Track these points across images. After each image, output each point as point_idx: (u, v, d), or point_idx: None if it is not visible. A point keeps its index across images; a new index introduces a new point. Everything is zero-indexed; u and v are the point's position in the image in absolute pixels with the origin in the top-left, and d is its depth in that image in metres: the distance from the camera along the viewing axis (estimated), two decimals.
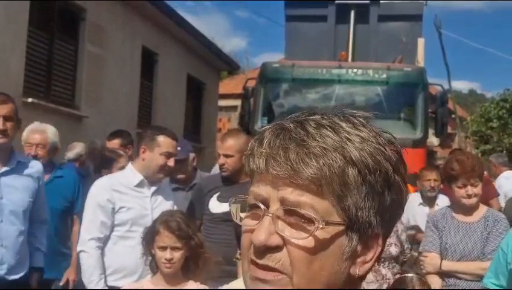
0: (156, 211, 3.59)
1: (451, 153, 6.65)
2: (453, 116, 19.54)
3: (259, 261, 0.84)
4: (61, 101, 8.66)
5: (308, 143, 0.84)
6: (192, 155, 5.01)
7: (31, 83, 7.96)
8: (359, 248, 0.86)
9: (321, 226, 0.82)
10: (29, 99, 7.64)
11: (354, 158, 0.83)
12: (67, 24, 8.85)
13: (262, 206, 0.85)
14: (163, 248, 2.81)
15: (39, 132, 4.52)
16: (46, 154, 4.48)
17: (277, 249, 0.83)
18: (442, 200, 5.95)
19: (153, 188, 3.73)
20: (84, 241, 3.60)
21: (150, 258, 2.93)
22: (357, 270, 0.87)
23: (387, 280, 3.50)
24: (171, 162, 3.75)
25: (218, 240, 3.86)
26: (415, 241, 5.66)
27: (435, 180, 5.86)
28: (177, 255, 2.81)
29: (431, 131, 8.55)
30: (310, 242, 0.83)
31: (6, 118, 3.40)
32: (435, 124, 8.26)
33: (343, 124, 0.86)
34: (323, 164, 0.82)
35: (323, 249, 0.83)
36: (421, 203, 5.91)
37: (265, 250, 0.83)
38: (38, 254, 3.72)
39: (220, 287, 2.37)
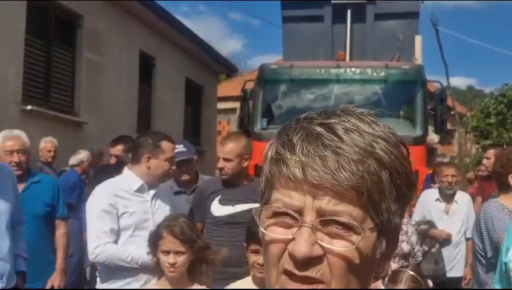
0: (156, 215, 3.59)
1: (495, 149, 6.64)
2: (452, 112, 19.55)
3: (299, 273, 0.82)
4: (60, 107, 8.66)
5: (344, 150, 0.82)
6: (195, 157, 5.02)
7: (30, 90, 7.97)
8: (385, 248, 0.88)
9: (367, 234, 0.82)
10: (28, 107, 7.64)
11: (385, 162, 0.83)
12: (64, 31, 8.86)
13: (297, 216, 0.83)
14: (167, 252, 2.81)
15: (14, 138, 4.33)
16: (27, 159, 4.38)
17: (319, 259, 0.82)
18: (461, 197, 5.96)
19: (152, 192, 3.73)
20: (93, 248, 3.56)
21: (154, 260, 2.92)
22: (380, 269, 0.90)
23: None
24: (174, 166, 3.84)
25: (221, 242, 3.84)
26: (427, 237, 5.68)
27: (452, 176, 5.87)
28: (181, 259, 2.80)
29: (431, 128, 8.55)
30: (352, 251, 0.82)
31: None
32: (434, 121, 8.26)
33: (362, 125, 0.85)
34: (363, 171, 0.81)
35: (361, 256, 0.83)
36: (437, 199, 5.92)
37: (307, 262, 0.82)
38: (19, 258, 3.70)
39: (226, 288, 2.37)
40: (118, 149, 5.41)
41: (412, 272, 3.08)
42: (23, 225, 3.80)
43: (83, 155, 6.58)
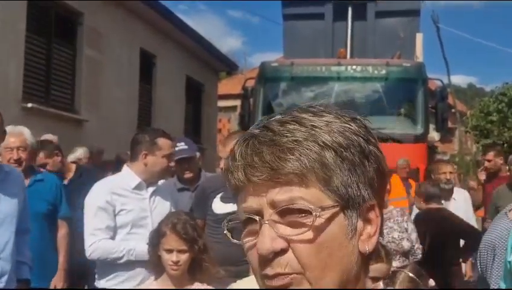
0: (155, 213, 3.58)
1: None
2: (453, 110, 19.55)
3: (270, 273, 0.83)
4: (61, 105, 8.65)
5: (278, 141, 0.84)
6: (198, 154, 5.01)
7: (30, 88, 7.96)
8: (360, 224, 0.86)
9: (318, 214, 0.82)
10: (29, 105, 7.64)
11: (326, 141, 0.84)
12: (64, 29, 8.85)
13: (256, 218, 0.84)
14: (170, 251, 2.80)
15: (16, 135, 4.25)
16: (28, 157, 4.30)
17: (283, 252, 0.83)
18: (459, 195, 5.96)
19: (151, 189, 3.72)
20: (88, 245, 3.57)
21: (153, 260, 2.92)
22: (366, 247, 0.87)
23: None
24: (172, 163, 3.78)
25: (222, 240, 3.84)
26: None
27: (450, 173, 5.88)
28: (184, 257, 2.80)
29: (431, 126, 8.55)
30: (311, 234, 0.82)
31: None
32: (435, 119, 8.25)
33: (304, 115, 0.87)
34: (300, 155, 0.83)
35: (326, 236, 0.83)
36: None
37: (272, 257, 0.82)
38: (23, 266, 3.67)
39: (228, 288, 2.36)
40: (41, 158, 5.24)
41: (409, 273, 3.06)
42: (29, 233, 3.75)
43: (79, 152, 6.55)
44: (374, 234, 0.88)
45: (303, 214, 0.82)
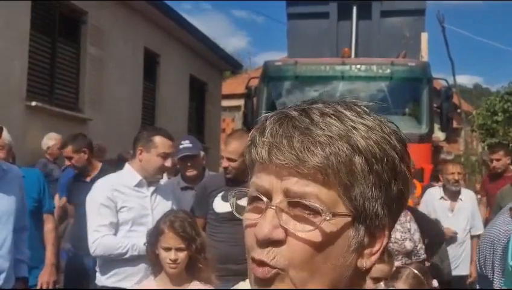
0: (156, 211, 3.59)
1: None
2: (458, 110, 19.48)
3: (256, 256, 0.81)
4: (65, 104, 8.65)
5: (313, 131, 0.80)
6: (202, 153, 5.00)
7: (34, 86, 7.96)
8: (366, 239, 0.83)
9: (328, 218, 0.79)
10: (33, 103, 7.64)
11: (360, 147, 0.80)
12: (68, 27, 8.85)
13: (264, 199, 0.81)
14: (168, 249, 2.79)
15: None
16: (6, 155, 4.25)
17: (279, 243, 0.80)
18: (466, 195, 5.93)
19: (152, 188, 3.72)
20: (91, 242, 3.57)
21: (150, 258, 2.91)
22: (364, 263, 0.83)
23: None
24: (168, 163, 3.73)
25: (224, 239, 3.83)
26: None
27: (458, 173, 5.84)
28: (182, 255, 2.80)
29: (436, 126, 8.51)
30: (315, 235, 0.79)
31: None
32: (440, 118, 8.21)
33: (347, 113, 0.83)
34: (330, 153, 0.79)
35: (328, 242, 0.80)
36: (442, 197, 5.88)
37: (267, 244, 0.80)
38: (22, 264, 3.66)
39: (232, 288, 2.33)
40: (69, 151, 5.26)
41: (414, 269, 3.03)
42: (27, 231, 3.75)
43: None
44: (376, 252, 0.85)
45: (312, 213, 0.80)
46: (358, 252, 0.83)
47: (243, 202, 0.88)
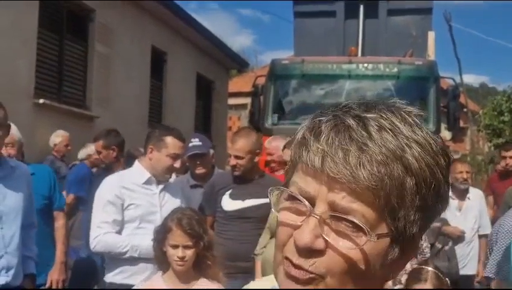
0: (164, 208, 3.59)
1: None
2: (465, 110, 19.40)
3: (295, 261, 0.80)
4: (72, 101, 8.70)
5: (370, 148, 0.78)
6: (211, 152, 5.02)
7: (42, 84, 8.01)
8: (398, 255, 0.84)
9: (373, 240, 0.78)
10: (41, 101, 7.68)
11: (413, 169, 0.79)
12: (76, 25, 8.89)
13: (307, 204, 0.80)
14: (176, 246, 2.81)
15: None
16: (17, 152, 4.25)
17: (318, 253, 0.79)
18: (474, 194, 5.92)
19: (161, 186, 3.74)
20: (92, 238, 3.59)
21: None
22: (391, 274, 0.86)
23: (406, 272, 3.50)
24: (177, 164, 3.73)
25: (232, 237, 3.85)
26: (440, 234, 5.64)
27: (467, 172, 5.83)
28: (189, 253, 2.81)
29: (443, 125, 8.49)
30: (355, 253, 0.79)
31: None
32: (447, 118, 8.19)
33: (402, 126, 0.81)
34: (385, 174, 0.77)
35: (365, 260, 0.80)
36: (450, 196, 5.87)
37: (306, 251, 0.80)
38: (29, 260, 3.67)
39: (244, 287, 2.35)
40: (99, 145, 5.32)
41: (434, 270, 3.00)
42: (35, 229, 3.75)
43: (90, 148, 6.58)
44: (403, 265, 0.86)
45: (355, 229, 0.79)
46: (389, 267, 0.84)
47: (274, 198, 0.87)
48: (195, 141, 4.85)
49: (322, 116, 0.84)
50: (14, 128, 4.25)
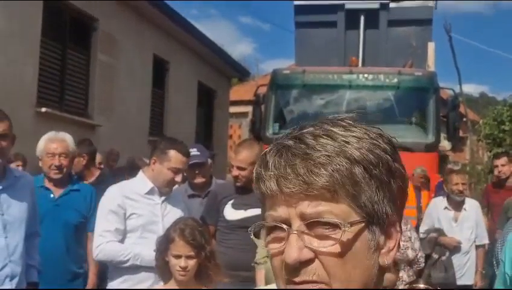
0: (166, 218, 3.61)
1: None
2: (465, 119, 19.44)
3: (297, 279, 0.86)
4: (74, 110, 8.74)
5: (312, 155, 0.87)
6: (210, 161, 5.05)
7: (45, 93, 8.05)
8: (382, 238, 0.90)
9: (347, 229, 0.85)
10: (43, 109, 7.72)
11: (356, 157, 0.87)
12: (79, 34, 8.95)
13: (285, 227, 0.87)
14: (178, 256, 2.83)
15: (59, 140, 4.23)
16: (69, 164, 4.26)
17: (310, 262, 0.86)
18: (470, 205, 5.95)
19: (163, 196, 3.76)
20: (95, 247, 3.62)
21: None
22: (385, 260, 0.91)
23: (403, 282, 3.55)
24: (178, 178, 3.73)
25: (234, 246, 3.88)
26: (436, 244, 5.67)
27: (463, 184, 5.85)
28: (192, 263, 2.83)
29: (443, 135, 8.53)
30: (338, 247, 0.86)
31: (1, 137, 3.27)
32: (446, 128, 8.24)
33: (335, 129, 0.90)
34: (333, 170, 0.85)
35: (351, 250, 0.87)
36: (446, 207, 5.90)
37: (299, 267, 0.86)
38: (32, 269, 3.69)
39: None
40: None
41: (427, 287, 3.02)
42: (38, 237, 3.76)
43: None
44: (393, 248, 0.92)
45: (331, 228, 0.86)
46: (378, 251, 0.90)
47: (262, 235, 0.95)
48: (194, 151, 4.88)
49: (267, 151, 0.93)
50: (70, 140, 4.28)
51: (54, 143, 4.22)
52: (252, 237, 0.96)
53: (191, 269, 2.83)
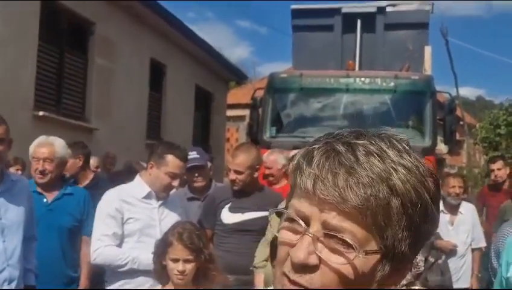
0: (164, 222, 3.61)
1: None
2: (461, 123, 19.49)
3: (292, 277, 0.87)
4: (72, 114, 8.75)
5: (357, 171, 0.85)
6: (209, 164, 5.07)
7: (42, 96, 8.06)
8: (389, 272, 0.90)
9: (361, 256, 0.85)
10: (40, 113, 7.73)
11: (398, 190, 0.85)
12: (76, 38, 8.96)
13: (303, 225, 0.88)
14: (176, 260, 2.84)
15: (46, 145, 4.22)
16: (54, 168, 4.21)
17: (313, 268, 0.86)
18: (466, 208, 5.97)
19: (161, 200, 3.76)
20: (93, 251, 3.63)
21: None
22: None
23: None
24: (175, 183, 3.75)
25: (231, 249, 3.89)
26: (432, 248, 5.67)
27: (459, 187, 5.86)
28: (189, 267, 2.84)
29: (440, 138, 8.54)
30: (347, 268, 0.85)
31: None
32: (443, 131, 8.25)
33: (390, 152, 0.88)
34: (371, 195, 0.84)
35: (357, 275, 0.86)
36: (442, 211, 5.91)
37: (302, 267, 0.86)
38: (30, 273, 3.69)
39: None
40: None
41: (421, 289, 3.02)
42: (35, 241, 3.77)
43: (91, 161, 6.61)
44: (397, 282, 0.92)
45: (346, 246, 0.85)
46: (381, 283, 0.89)
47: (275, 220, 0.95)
48: (194, 154, 4.90)
49: (316, 144, 0.91)
50: (58, 145, 4.24)
51: (40, 147, 4.20)
52: (270, 217, 0.96)
53: (189, 273, 2.84)
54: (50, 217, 4.13)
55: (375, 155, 0.87)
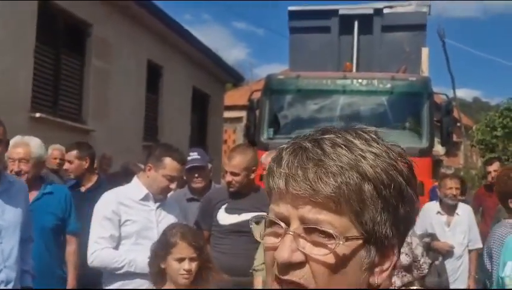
0: (161, 225, 3.60)
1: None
2: (458, 124, 19.54)
3: (283, 277, 0.88)
4: (68, 115, 8.73)
5: (325, 163, 0.87)
6: (209, 166, 5.07)
7: (39, 98, 8.04)
8: (377, 258, 0.90)
9: (341, 242, 0.85)
10: (37, 114, 7.71)
11: (369, 175, 0.87)
12: (73, 39, 8.95)
13: (283, 225, 0.88)
14: (181, 259, 2.82)
15: (21, 145, 4.14)
16: (31, 169, 4.13)
17: (300, 265, 0.87)
18: (463, 209, 5.97)
19: (158, 202, 3.76)
20: (90, 253, 3.61)
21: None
22: (375, 280, 0.91)
23: (395, 287, 3.54)
24: (173, 185, 3.74)
25: (227, 251, 3.88)
26: (429, 249, 5.68)
27: (456, 188, 5.87)
28: (194, 265, 2.84)
29: (437, 140, 8.55)
30: (331, 258, 0.86)
31: None
32: (440, 133, 8.26)
33: (357, 142, 0.90)
34: (341, 182, 0.86)
35: (343, 263, 0.87)
36: (438, 212, 5.92)
37: (288, 266, 0.87)
38: (26, 274, 3.67)
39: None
40: (73, 155, 5.18)
41: (420, 289, 3.03)
42: (32, 243, 3.75)
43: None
44: (387, 269, 0.92)
45: (327, 237, 0.86)
46: (370, 270, 0.90)
47: (260, 226, 0.96)
48: (194, 155, 4.91)
49: (283, 147, 0.94)
50: (34, 145, 4.18)
51: (15, 148, 4.13)
52: (252, 226, 0.98)
53: (194, 271, 2.84)
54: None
55: (342, 146, 0.89)
